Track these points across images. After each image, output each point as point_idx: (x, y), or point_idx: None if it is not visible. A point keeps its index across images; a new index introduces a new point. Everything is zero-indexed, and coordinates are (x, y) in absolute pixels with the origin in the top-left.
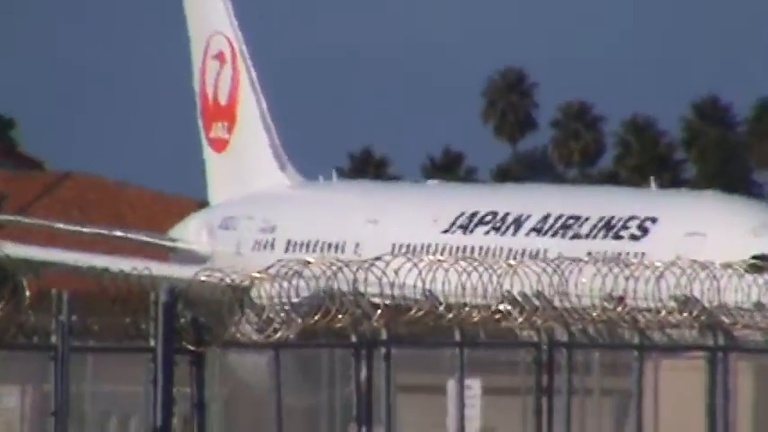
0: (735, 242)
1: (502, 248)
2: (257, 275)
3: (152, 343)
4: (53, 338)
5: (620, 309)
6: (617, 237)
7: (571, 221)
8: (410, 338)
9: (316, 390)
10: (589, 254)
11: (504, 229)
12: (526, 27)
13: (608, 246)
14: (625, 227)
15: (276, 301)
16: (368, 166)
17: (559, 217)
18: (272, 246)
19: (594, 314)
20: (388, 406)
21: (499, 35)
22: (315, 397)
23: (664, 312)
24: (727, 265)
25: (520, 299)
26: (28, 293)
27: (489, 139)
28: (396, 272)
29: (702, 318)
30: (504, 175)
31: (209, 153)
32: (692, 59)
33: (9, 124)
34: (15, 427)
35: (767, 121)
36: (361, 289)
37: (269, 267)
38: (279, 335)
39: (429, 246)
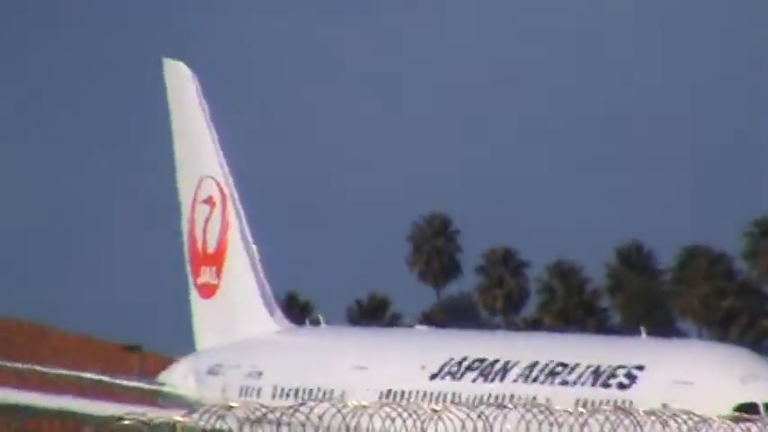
0: (723, 390)
1: (490, 394)
2: (179, 419)
3: None
4: None
5: None
6: (605, 385)
7: (559, 368)
8: None
9: None
10: (576, 401)
11: (494, 374)
12: (451, 173)
13: (596, 393)
14: (613, 375)
15: None
16: (293, 311)
17: (547, 364)
18: (259, 392)
19: None
20: None
21: (425, 181)
22: None
23: None
24: (650, 412)
25: None
26: None
27: (414, 284)
28: (320, 417)
29: None
30: (429, 320)
31: (196, 298)
32: (615, 205)
33: None
34: None
35: (690, 270)
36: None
37: (193, 412)
38: None
39: (418, 392)
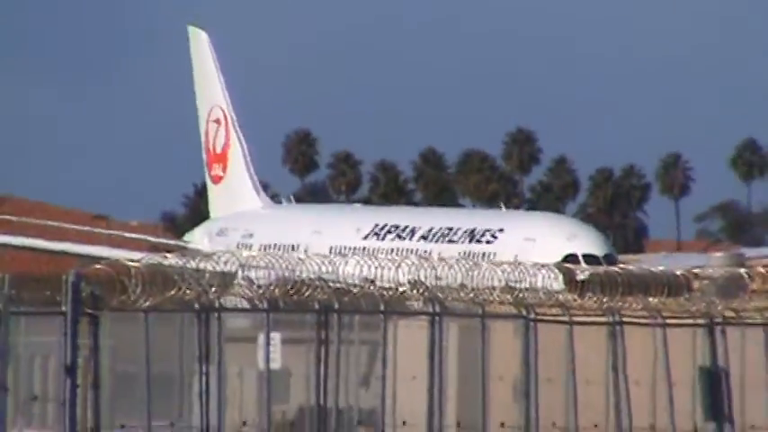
0: (555, 245)
1: (402, 249)
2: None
3: (63, 308)
4: None
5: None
6: (477, 241)
7: (447, 231)
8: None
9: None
10: (459, 253)
11: (405, 235)
12: (316, 95)
13: (472, 247)
14: (483, 235)
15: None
16: None
17: (440, 229)
18: (251, 247)
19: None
20: (220, 349)
21: (294, 101)
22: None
23: (401, 290)
24: (442, 259)
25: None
26: None
27: (287, 176)
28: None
29: (426, 294)
30: (297, 200)
31: (210, 185)
32: (416, 117)
33: None
34: None
35: (468, 165)
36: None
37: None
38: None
39: (354, 247)
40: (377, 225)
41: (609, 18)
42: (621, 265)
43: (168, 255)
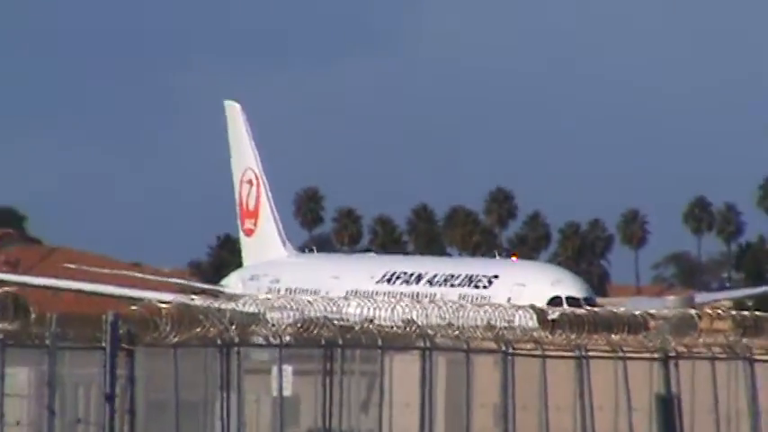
0: (542, 289)
1: (409, 293)
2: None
3: (103, 344)
4: (47, 341)
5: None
6: (475, 286)
7: (449, 277)
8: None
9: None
10: (459, 296)
11: (412, 281)
12: (322, 155)
13: (470, 291)
14: (480, 280)
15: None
16: None
17: (443, 275)
18: (278, 290)
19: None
20: (239, 379)
21: (306, 162)
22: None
23: (395, 328)
24: (432, 301)
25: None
26: (33, 315)
27: (297, 229)
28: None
29: (417, 331)
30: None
31: (242, 237)
32: (404, 172)
33: (21, 217)
34: (25, 390)
35: (454, 220)
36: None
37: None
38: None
39: (368, 291)
40: (388, 272)
41: (573, 90)
42: (594, 307)
43: (195, 296)
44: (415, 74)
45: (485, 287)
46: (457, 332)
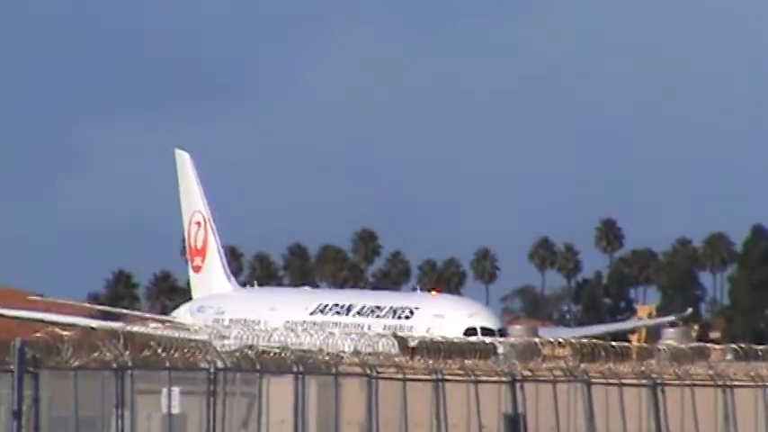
0: (459, 321)
1: (341, 323)
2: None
3: (11, 367)
4: None
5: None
6: (399, 317)
7: (375, 309)
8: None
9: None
10: (383, 327)
11: (342, 312)
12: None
13: (393, 322)
14: (402, 311)
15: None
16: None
17: (370, 306)
18: (223, 321)
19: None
20: (132, 399)
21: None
22: None
23: (272, 353)
24: (305, 330)
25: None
26: None
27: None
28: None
29: (292, 356)
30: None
31: (192, 274)
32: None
33: None
34: None
35: (326, 257)
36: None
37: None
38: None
39: (303, 321)
40: (321, 304)
41: (431, 139)
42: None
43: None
44: (294, 126)
45: (407, 317)
46: (327, 357)
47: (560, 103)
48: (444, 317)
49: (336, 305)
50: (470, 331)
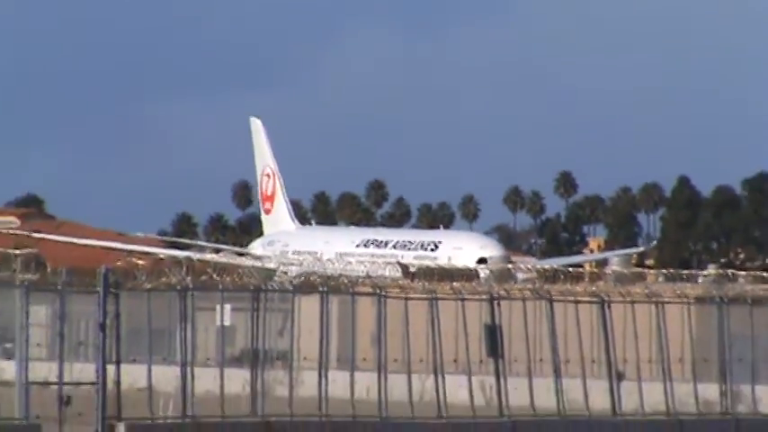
0: (473, 251)
1: (381, 255)
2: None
3: (98, 289)
4: (59, 287)
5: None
6: (426, 249)
7: (407, 243)
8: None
9: None
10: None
11: (381, 246)
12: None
13: (422, 253)
14: (428, 245)
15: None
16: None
17: (403, 241)
18: (288, 252)
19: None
20: (193, 314)
21: None
22: None
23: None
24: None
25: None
26: (49, 268)
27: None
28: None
29: (318, 280)
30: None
31: (263, 215)
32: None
33: (40, 200)
34: (43, 321)
35: (344, 203)
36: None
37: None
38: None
39: (350, 253)
40: (364, 239)
41: (418, 95)
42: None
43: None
44: (326, 100)
45: (432, 250)
46: (346, 280)
47: (531, 80)
48: (462, 248)
49: (376, 240)
50: (482, 260)
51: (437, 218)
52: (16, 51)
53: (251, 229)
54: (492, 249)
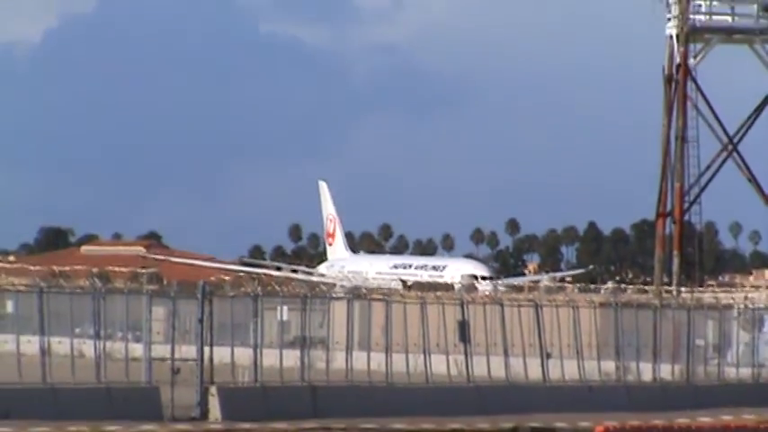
0: (468, 272)
1: (405, 274)
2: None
3: (198, 295)
4: (172, 293)
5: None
6: (437, 270)
7: (424, 265)
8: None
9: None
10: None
11: (407, 267)
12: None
13: (434, 273)
14: (439, 267)
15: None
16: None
17: (421, 264)
18: (345, 270)
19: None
20: (261, 312)
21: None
22: None
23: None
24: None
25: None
26: (165, 282)
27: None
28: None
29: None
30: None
31: (328, 247)
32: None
33: (159, 235)
34: (162, 317)
35: None
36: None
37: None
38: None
39: (385, 272)
40: (395, 263)
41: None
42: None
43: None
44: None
45: (441, 270)
46: (365, 291)
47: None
48: (461, 270)
49: (403, 264)
50: (475, 277)
51: (426, 250)
52: (144, 130)
53: (301, 255)
54: (482, 270)
